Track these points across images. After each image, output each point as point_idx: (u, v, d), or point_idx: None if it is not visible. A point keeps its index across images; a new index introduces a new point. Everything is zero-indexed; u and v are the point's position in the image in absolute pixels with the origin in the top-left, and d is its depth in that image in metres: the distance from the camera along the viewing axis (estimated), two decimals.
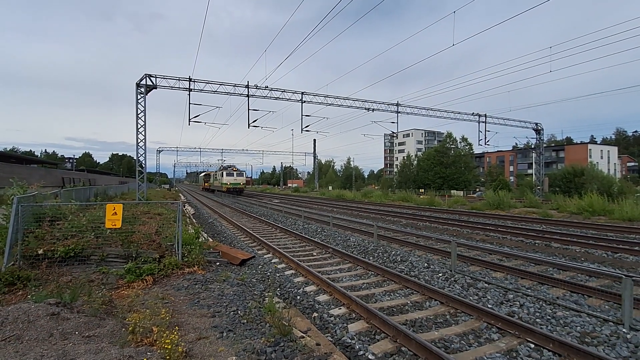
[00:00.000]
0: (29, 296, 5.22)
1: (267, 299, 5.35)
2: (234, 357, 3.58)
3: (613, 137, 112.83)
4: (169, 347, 3.41)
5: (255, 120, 25.64)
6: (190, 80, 22.83)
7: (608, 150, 73.90)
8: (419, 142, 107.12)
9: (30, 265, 6.48)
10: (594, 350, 4.05)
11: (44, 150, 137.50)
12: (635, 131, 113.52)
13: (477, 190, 55.98)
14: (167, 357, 3.37)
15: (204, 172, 79.05)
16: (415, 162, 66.31)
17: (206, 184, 64.09)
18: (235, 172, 47.16)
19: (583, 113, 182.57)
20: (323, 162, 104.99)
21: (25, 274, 5.92)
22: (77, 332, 3.97)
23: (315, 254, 10.20)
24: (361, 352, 4.26)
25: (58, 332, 3.90)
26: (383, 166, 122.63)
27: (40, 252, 6.62)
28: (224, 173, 46.86)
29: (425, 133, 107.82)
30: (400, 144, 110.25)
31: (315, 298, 6.28)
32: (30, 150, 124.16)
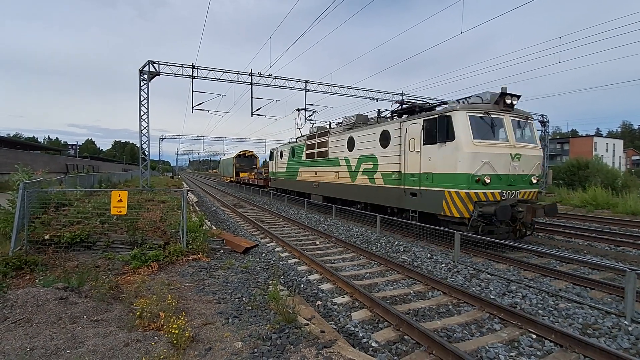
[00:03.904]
0: (36, 280, 5.29)
1: (271, 286, 5.39)
2: (240, 343, 3.63)
3: (619, 130, 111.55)
4: (176, 332, 3.46)
5: (258, 109, 25.43)
6: (193, 67, 22.58)
7: (613, 144, 73.12)
8: None
9: (37, 250, 6.56)
10: (596, 342, 4.08)
11: (46, 137, 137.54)
12: None
13: None
14: (174, 342, 3.42)
15: (240, 152, 40.22)
16: None
17: (243, 175, 35.31)
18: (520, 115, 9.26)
19: (589, 106, 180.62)
20: None
21: (32, 259, 6.00)
22: (85, 316, 4.04)
23: (318, 243, 10.25)
24: (365, 340, 4.31)
25: (67, 315, 3.97)
26: None
27: (46, 237, 6.69)
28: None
29: None
30: None
31: (319, 286, 6.34)
32: (33, 136, 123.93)
